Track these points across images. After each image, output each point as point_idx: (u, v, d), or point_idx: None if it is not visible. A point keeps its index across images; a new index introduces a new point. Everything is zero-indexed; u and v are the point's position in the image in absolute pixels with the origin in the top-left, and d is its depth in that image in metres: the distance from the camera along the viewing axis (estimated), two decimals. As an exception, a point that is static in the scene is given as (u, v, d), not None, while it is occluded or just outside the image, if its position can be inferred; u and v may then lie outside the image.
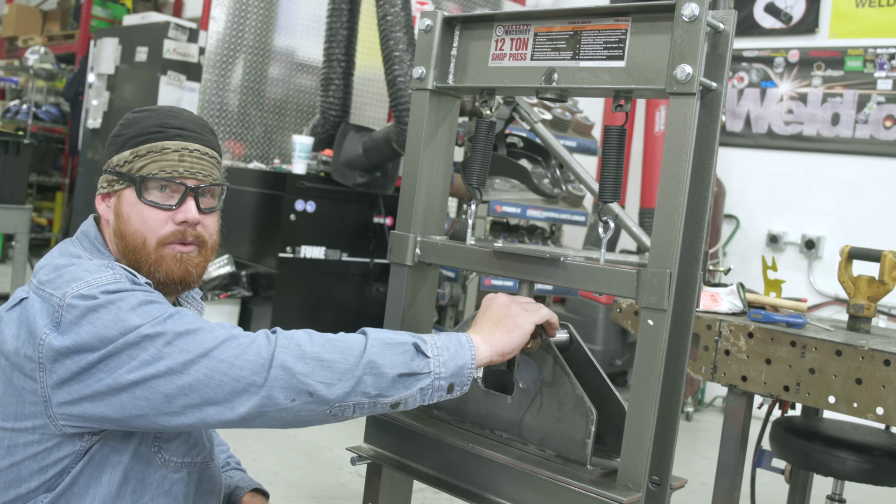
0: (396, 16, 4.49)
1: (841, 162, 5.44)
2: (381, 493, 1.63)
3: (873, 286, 2.32)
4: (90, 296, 1.23)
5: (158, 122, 1.40)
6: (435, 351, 1.30)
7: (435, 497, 3.38)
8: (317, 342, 1.26)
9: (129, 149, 1.40)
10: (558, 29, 1.45)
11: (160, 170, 1.38)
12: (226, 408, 1.21)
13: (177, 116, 1.43)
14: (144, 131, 1.40)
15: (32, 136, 8.16)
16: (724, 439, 2.30)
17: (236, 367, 1.21)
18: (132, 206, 1.39)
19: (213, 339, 1.23)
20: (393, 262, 1.65)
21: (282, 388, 1.21)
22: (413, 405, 1.30)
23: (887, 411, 1.91)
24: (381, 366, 1.25)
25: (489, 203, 4.45)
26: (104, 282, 1.26)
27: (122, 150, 1.40)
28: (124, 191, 1.40)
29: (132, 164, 1.39)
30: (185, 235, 1.41)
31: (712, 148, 1.34)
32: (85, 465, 1.30)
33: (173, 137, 1.40)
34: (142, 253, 1.39)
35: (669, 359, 1.32)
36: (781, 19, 5.73)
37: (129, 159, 1.39)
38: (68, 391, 1.23)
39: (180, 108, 1.48)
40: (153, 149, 1.39)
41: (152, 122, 1.41)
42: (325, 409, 1.24)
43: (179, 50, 6.04)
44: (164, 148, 1.39)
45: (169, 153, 1.39)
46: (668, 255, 1.29)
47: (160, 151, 1.39)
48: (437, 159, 1.64)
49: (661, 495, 1.35)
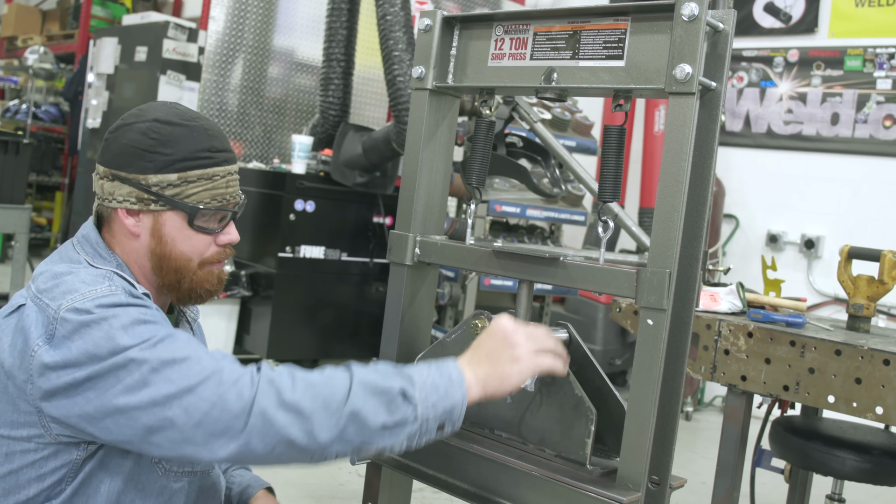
0: (396, 15, 4.49)
1: (840, 162, 5.44)
2: (381, 492, 1.63)
3: (873, 286, 2.32)
4: (84, 310, 1.22)
5: (206, 147, 1.38)
6: (423, 394, 1.24)
7: (434, 497, 3.38)
8: (299, 388, 1.22)
9: (174, 172, 1.36)
10: (558, 28, 1.45)
11: (212, 198, 1.38)
12: (204, 448, 1.19)
13: (215, 135, 1.40)
14: (193, 156, 1.36)
15: (32, 136, 8.15)
16: (724, 439, 2.30)
17: (217, 408, 1.18)
18: (179, 230, 1.39)
19: (198, 372, 1.20)
20: (392, 262, 1.65)
21: (260, 436, 1.19)
22: (400, 450, 1.26)
23: (887, 411, 1.91)
24: (364, 416, 1.21)
25: (489, 203, 4.45)
26: (99, 294, 1.25)
27: (165, 171, 1.35)
28: (166, 213, 1.38)
29: (181, 190, 1.36)
30: (226, 255, 1.47)
31: (712, 147, 1.34)
32: (85, 475, 1.30)
33: (222, 163, 1.39)
34: (185, 272, 1.41)
35: (669, 358, 1.32)
36: (781, 19, 5.73)
37: (175, 183, 1.36)
38: (56, 405, 1.23)
39: (200, 114, 1.44)
40: (203, 175, 1.37)
41: (198, 145, 1.37)
42: (306, 457, 1.22)
43: (179, 49, 6.03)
44: (214, 175, 1.38)
45: (218, 180, 1.39)
46: (668, 255, 1.29)
47: (210, 178, 1.38)
48: (436, 159, 1.64)
49: (660, 495, 1.35)
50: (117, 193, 1.37)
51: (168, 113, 1.39)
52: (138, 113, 1.41)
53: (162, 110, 1.40)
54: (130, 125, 1.38)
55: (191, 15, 8.99)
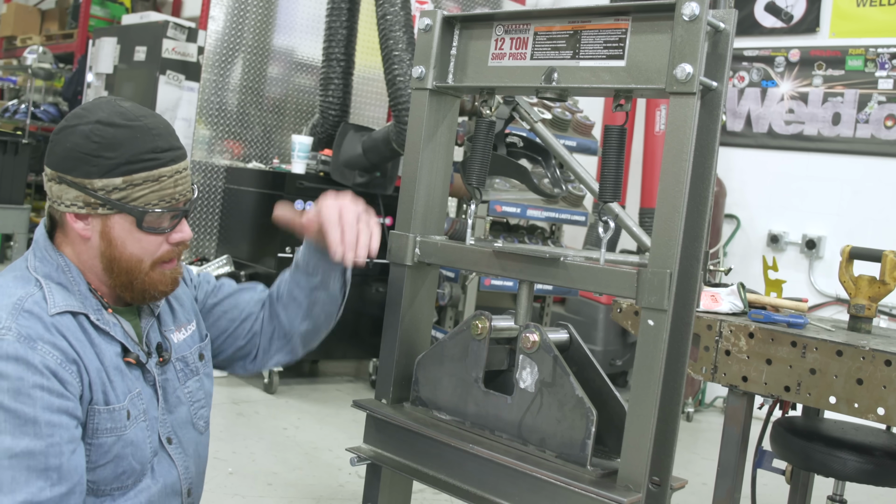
0: (396, 15, 4.48)
1: (842, 161, 5.44)
2: (381, 493, 1.63)
3: (874, 286, 2.31)
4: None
5: (150, 147, 1.36)
6: None
7: (434, 498, 3.38)
8: None
9: (119, 176, 1.34)
10: (558, 28, 1.44)
11: (159, 199, 1.37)
12: None
13: (159, 134, 1.38)
14: (136, 158, 1.35)
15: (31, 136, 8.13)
16: (725, 440, 2.29)
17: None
18: (128, 233, 1.38)
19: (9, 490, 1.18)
20: (393, 262, 1.64)
21: None
22: None
23: (888, 412, 1.91)
24: None
25: (489, 203, 4.44)
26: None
27: (110, 175, 1.34)
28: (113, 216, 1.37)
29: (126, 193, 1.35)
30: (178, 253, 1.45)
31: (713, 147, 1.33)
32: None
33: (168, 163, 1.38)
34: (136, 273, 1.40)
35: (670, 359, 1.32)
36: (782, 18, 5.72)
37: (120, 186, 1.35)
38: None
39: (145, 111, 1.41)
40: (149, 178, 1.36)
41: (141, 146, 1.35)
42: None
43: (178, 49, 6.03)
44: (160, 176, 1.37)
45: (165, 180, 1.38)
46: (669, 255, 1.29)
47: (157, 180, 1.37)
48: (436, 159, 1.64)
49: (661, 496, 1.35)
50: (65, 197, 1.36)
51: (111, 113, 1.36)
52: (81, 114, 1.38)
53: (105, 110, 1.37)
54: (74, 127, 1.36)
55: (190, 14, 8.99)
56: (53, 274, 1.38)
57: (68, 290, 1.37)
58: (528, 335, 1.45)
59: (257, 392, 4.69)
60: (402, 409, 1.62)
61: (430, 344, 1.66)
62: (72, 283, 1.38)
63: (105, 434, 1.36)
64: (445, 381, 1.56)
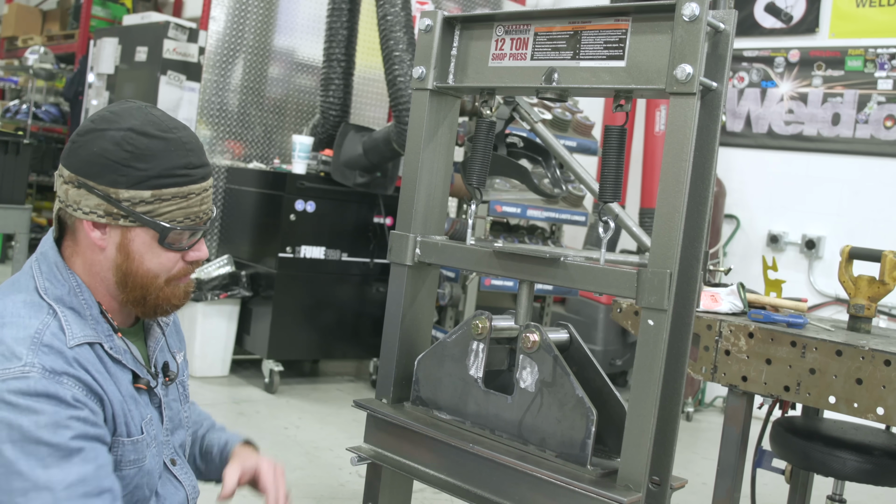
0: (396, 15, 4.49)
1: (841, 162, 5.44)
2: (382, 493, 1.63)
3: (874, 286, 2.31)
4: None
5: (184, 163, 1.31)
6: None
7: (435, 497, 3.38)
8: None
9: (148, 189, 1.28)
10: (558, 29, 1.45)
11: (185, 217, 1.32)
12: None
13: (192, 150, 1.33)
14: (169, 173, 1.29)
15: (32, 136, 8.15)
16: (725, 439, 2.29)
17: None
18: (148, 247, 1.33)
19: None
20: (393, 262, 1.65)
21: None
22: None
23: (888, 411, 1.91)
24: None
25: (489, 203, 4.45)
26: (10, 375, 1.19)
27: (139, 187, 1.28)
28: (134, 229, 1.31)
29: (153, 207, 1.30)
30: (193, 271, 1.41)
31: (713, 148, 1.34)
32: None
33: (198, 181, 1.33)
34: (151, 288, 1.35)
35: (670, 359, 1.32)
36: (782, 19, 5.73)
37: (148, 200, 1.29)
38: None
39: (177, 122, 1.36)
40: (178, 194, 1.31)
41: (175, 161, 1.30)
42: None
43: (179, 50, 6.03)
44: (189, 193, 1.32)
45: (193, 198, 1.33)
46: (669, 255, 1.29)
47: (185, 197, 1.32)
48: (437, 159, 1.64)
49: (661, 495, 1.35)
50: (83, 203, 1.30)
51: (144, 122, 1.30)
52: (111, 118, 1.31)
53: (138, 118, 1.31)
54: (103, 131, 1.29)
55: (191, 15, 8.99)
56: (66, 298, 1.31)
57: (81, 315, 1.31)
58: (529, 335, 1.45)
59: (258, 392, 4.69)
60: (403, 408, 1.62)
61: (431, 344, 1.66)
62: (84, 308, 1.32)
63: (128, 466, 1.33)
64: (446, 381, 1.57)
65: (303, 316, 4.86)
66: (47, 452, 1.19)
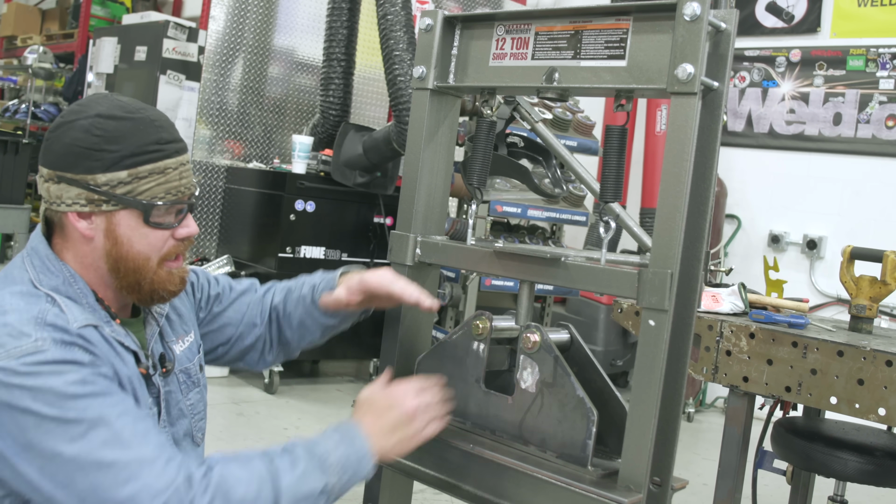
0: (397, 15, 4.48)
1: (843, 162, 5.43)
2: (382, 493, 1.63)
3: (875, 286, 2.31)
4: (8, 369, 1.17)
5: (154, 139, 1.32)
6: (339, 477, 1.33)
7: (435, 498, 3.38)
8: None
9: (123, 169, 1.29)
10: (559, 28, 1.44)
11: (166, 192, 1.32)
12: None
13: (162, 126, 1.34)
14: (141, 150, 1.30)
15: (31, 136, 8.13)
16: (726, 440, 2.29)
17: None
18: (134, 229, 1.33)
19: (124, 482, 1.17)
20: (393, 262, 1.64)
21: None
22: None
23: (889, 412, 1.91)
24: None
25: (490, 203, 4.44)
26: (25, 351, 1.19)
27: (114, 169, 1.29)
28: (119, 212, 1.32)
29: (132, 187, 1.30)
30: (184, 249, 1.40)
31: (714, 148, 1.33)
32: None
33: (173, 154, 1.34)
34: (144, 272, 1.35)
35: (671, 359, 1.32)
36: (783, 18, 5.72)
37: (126, 180, 1.30)
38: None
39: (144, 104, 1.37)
40: (155, 170, 1.31)
41: (145, 138, 1.31)
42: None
43: (179, 49, 6.03)
44: (166, 168, 1.32)
45: (170, 172, 1.33)
46: (670, 256, 1.29)
47: (162, 172, 1.32)
48: (437, 159, 1.64)
49: (662, 496, 1.35)
50: (65, 196, 1.31)
51: (110, 106, 1.32)
52: (78, 109, 1.33)
53: (104, 104, 1.32)
54: (71, 123, 1.31)
55: (191, 14, 8.99)
56: (61, 287, 1.31)
57: (78, 303, 1.31)
58: (529, 335, 1.45)
59: (258, 392, 4.69)
60: (403, 409, 1.62)
61: (431, 344, 1.66)
62: (80, 296, 1.32)
63: None
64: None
65: (303, 316, 4.85)
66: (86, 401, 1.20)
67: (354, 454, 1.36)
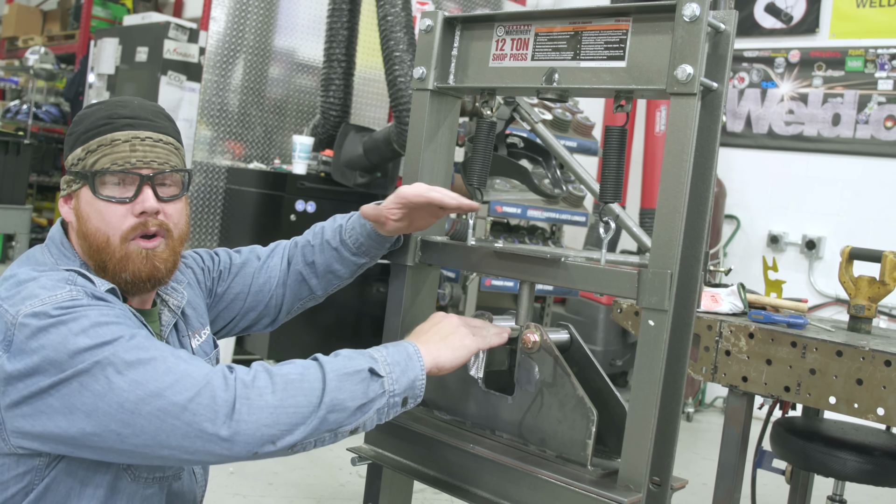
0: (397, 16, 4.49)
1: (842, 162, 5.44)
2: (382, 493, 1.63)
3: (874, 287, 2.31)
4: (43, 313, 1.19)
5: (106, 115, 1.35)
6: (387, 369, 1.27)
7: (435, 497, 3.38)
8: (278, 386, 1.19)
9: (80, 146, 1.35)
10: (559, 29, 1.45)
11: (112, 163, 1.33)
12: (181, 451, 1.16)
13: (126, 106, 1.37)
14: (93, 125, 1.35)
15: (32, 137, 8.15)
16: (725, 440, 2.29)
17: (189, 412, 1.15)
18: (89, 204, 1.34)
19: (165, 373, 1.17)
20: (393, 263, 1.65)
21: (244, 442, 1.16)
22: (370, 426, 1.28)
23: (888, 412, 1.91)
24: (342, 401, 1.22)
25: (490, 203, 4.45)
26: (59, 300, 1.21)
27: (75, 147, 1.36)
28: (81, 190, 1.36)
29: (85, 161, 1.34)
30: (146, 227, 1.36)
31: (713, 148, 1.34)
32: (51, 482, 1.26)
33: (122, 128, 1.35)
34: (106, 252, 1.34)
35: (670, 359, 1.32)
36: (782, 19, 5.73)
37: (81, 156, 1.35)
38: (22, 416, 1.19)
39: (132, 97, 1.42)
40: (103, 142, 1.34)
41: (101, 114, 1.36)
42: (288, 451, 1.21)
43: (180, 50, 6.03)
44: (113, 140, 1.34)
45: (119, 144, 1.34)
46: (669, 256, 1.29)
47: (110, 144, 1.34)
48: (437, 160, 1.64)
49: (661, 496, 1.35)
50: (60, 186, 1.41)
51: (106, 100, 1.41)
52: None
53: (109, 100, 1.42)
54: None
55: (191, 15, 9.00)
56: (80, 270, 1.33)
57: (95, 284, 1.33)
58: (529, 335, 1.45)
59: (258, 392, 4.69)
60: (403, 408, 1.62)
61: (431, 344, 1.66)
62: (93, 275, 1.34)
63: None
64: (446, 381, 1.57)
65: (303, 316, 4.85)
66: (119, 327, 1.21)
67: (400, 352, 1.31)
